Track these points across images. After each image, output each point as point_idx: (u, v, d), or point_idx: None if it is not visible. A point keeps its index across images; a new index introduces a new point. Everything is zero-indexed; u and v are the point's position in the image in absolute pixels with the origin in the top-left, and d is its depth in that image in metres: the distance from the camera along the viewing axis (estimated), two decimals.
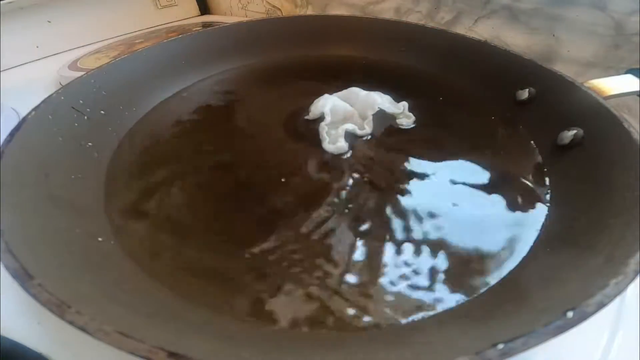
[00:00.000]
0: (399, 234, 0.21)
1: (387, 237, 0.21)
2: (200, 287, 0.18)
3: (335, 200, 0.23)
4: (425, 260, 0.19)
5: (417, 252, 0.20)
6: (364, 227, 0.21)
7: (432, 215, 0.22)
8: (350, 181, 0.24)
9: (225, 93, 0.34)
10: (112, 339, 0.12)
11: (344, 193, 0.23)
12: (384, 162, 0.25)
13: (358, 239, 0.20)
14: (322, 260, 0.19)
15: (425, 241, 0.20)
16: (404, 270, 0.19)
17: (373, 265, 0.19)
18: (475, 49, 0.32)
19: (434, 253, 0.20)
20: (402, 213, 0.22)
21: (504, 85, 0.30)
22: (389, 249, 0.20)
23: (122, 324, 0.13)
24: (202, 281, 0.19)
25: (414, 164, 0.25)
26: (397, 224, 0.21)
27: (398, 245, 0.20)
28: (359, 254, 0.20)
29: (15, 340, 0.18)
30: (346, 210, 0.22)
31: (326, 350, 0.16)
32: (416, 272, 0.19)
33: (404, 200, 0.23)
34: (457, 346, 0.14)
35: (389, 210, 0.22)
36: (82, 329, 0.13)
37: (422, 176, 0.24)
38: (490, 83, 0.31)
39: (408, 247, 0.20)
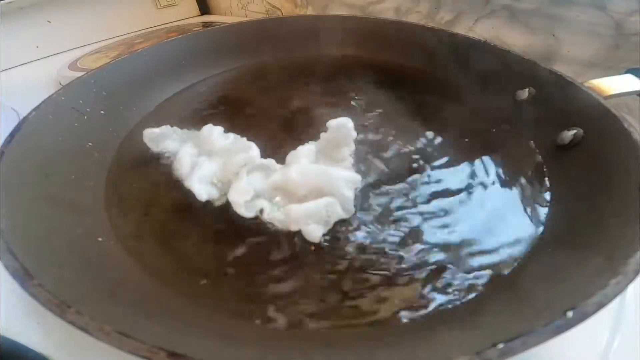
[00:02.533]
0: (398, 235, 0.21)
1: (386, 237, 0.21)
2: (200, 287, 0.18)
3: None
4: (425, 261, 0.19)
5: (417, 252, 0.20)
6: (364, 227, 0.21)
7: (431, 215, 0.22)
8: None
9: (225, 93, 0.34)
10: (112, 339, 0.12)
11: None
12: (383, 163, 0.25)
13: (358, 238, 0.20)
14: (322, 259, 0.19)
15: (425, 242, 0.20)
16: (404, 271, 0.19)
17: (372, 265, 0.19)
18: (475, 49, 0.32)
19: (433, 253, 0.20)
20: (401, 213, 0.22)
21: (504, 85, 0.30)
22: (388, 249, 0.20)
23: (122, 324, 0.13)
24: (202, 281, 0.19)
25: (414, 165, 0.25)
26: (396, 224, 0.21)
27: (398, 245, 0.20)
28: (359, 254, 0.20)
29: (15, 340, 0.18)
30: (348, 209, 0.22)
31: (326, 350, 0.16)
32: (416, 273, 0.19)
33: (404, 201, 0.23)
34: (457, 346, 0.14)
35: (388, 211, 0.22)
36: (82, 329, 0.13)
37: (421, 176, 0.24)
38: (490, 83, 0.31)
39: (408, 248, 0.20)
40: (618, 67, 0.32)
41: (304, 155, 0.23)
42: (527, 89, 0.28)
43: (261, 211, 0.21)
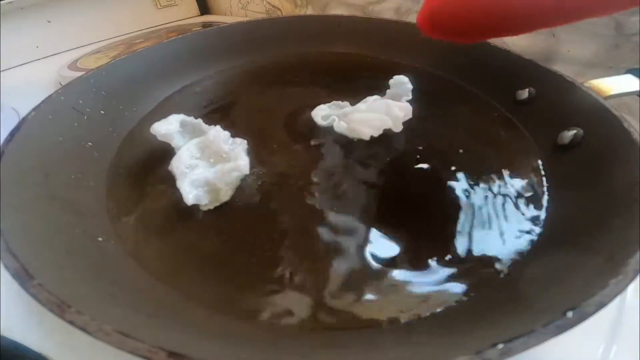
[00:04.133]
0: (397, 234, 0.21)
1: (386, 238, 0.21)
2: (200, 286, 0.18)
3: (336, 201, 0.23)
4: (425, 261, 0.19)
5: (417, 252, 0.20)
6: (364, 227, 0.21)
7: (431, 215, 0.22)
8: (351, 182, 0.24)
9: (225, 93, 0.34)
10: (112, 339, 0.12)
11: (344, 193, 0.23)
12: (383, 163, 0.25)
13: (365, 236, 0.20)
14: (323, 260, 0.19)
15: (424, 241, 0.20)
16: (404, 271, 0.19)
17: (372, 266, 0.19)
18: (475, 49, 0.32)
19: (433, 253, 0.20)
20: (401, 213, 0.22)
21: (504, 85, 0.30)
22: (388, 249, 0.20)
23: (122, 324, 0.13)
24: (202, 281, 0.19)
25: (414, 164, 0.25)
26: (394, 224, 0.21)
27: (397, 245, 0.20)
28: (359, 254, 0.20)
29: (15, 340, 0.18)
30: (351, 207, 0.22)
31: (326, 350, 0.16)
32: (415, 273, 0.19)
33: (404, 201, 0.23)
34: (457, 346, 0.14)
35: (388, 211, 0.22)
36: (82, 329, 0.13)
37: (421, 176, 0.24)
38: (490, 83, 0.31)
39: (407, 247, 0.20)
40: (618, 67, 0.32)
41: (371, 100, 0.28)
42: (527, 89, 0.28)
43: (332, 121, 0.28)
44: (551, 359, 0.17)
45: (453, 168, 0.25)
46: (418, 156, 0.26)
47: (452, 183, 0.24)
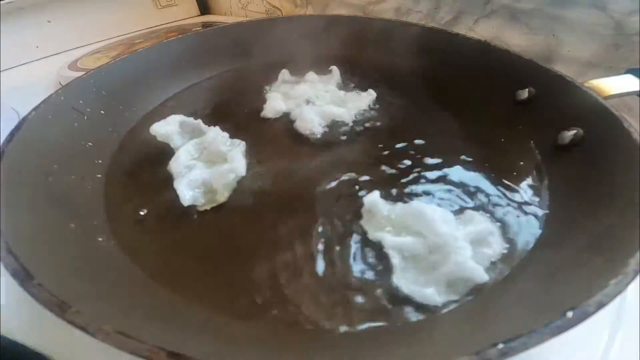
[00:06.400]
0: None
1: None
2: (199, 287, 0.18)
3: (336, 200, 0.23)
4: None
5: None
6: (363, 228, 0.21)
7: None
8: (349, 181, 0.24)
9: (225, 93, 0.34)
10: (112, 339, 0.12)
11: (341, 195, 0.23)
12: (383, 163, 0.25)
13: (358, 239, 0.20)
14: (323, 260, 0.19)
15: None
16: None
17: (373, 266, 0.19)
18: (475, 49, 0.32)
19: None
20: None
21: (504, 85, 0.30)
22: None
23: (122, 324, 0.13)
24: (201, 281, 0.19)
25: (414, 165, 0.25)
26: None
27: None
28: (360, 255, 0.20)
29: (15, 340, 0.18)
30: (346, 211, 0.22)
31: (326, 350, 0.16)
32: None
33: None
34: (457, 346, 0.14)
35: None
36: (82, 329, 0.13)
37: (422, 176, 0.24)
38: (490, 83, 0.31)
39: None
40: (618, 67, 0.32)
41: None
42: (527, 89, 0.28)
43: None
44: (551, 359, 0.17)
45: (452, 168, 0.25)
46: (417, 156, 0.26)
47: (451, 183, 0.24)
